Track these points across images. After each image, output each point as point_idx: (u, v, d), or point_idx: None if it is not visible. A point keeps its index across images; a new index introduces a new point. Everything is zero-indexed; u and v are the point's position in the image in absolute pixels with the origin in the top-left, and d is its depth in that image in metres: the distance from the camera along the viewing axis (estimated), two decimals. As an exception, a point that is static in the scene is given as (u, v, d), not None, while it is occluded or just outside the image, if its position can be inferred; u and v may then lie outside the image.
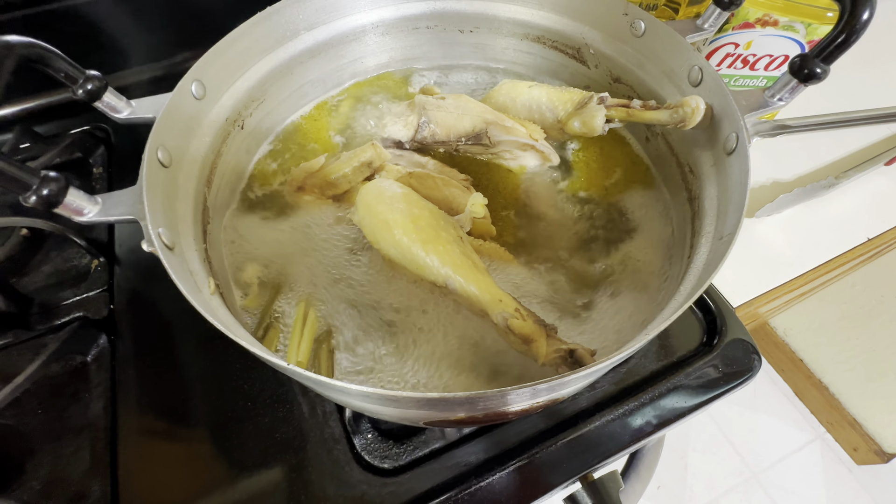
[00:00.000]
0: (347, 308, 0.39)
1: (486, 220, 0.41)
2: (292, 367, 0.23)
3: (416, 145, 0.47)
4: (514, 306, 0.33)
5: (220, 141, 0.42)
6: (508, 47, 0.53)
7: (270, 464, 0.38)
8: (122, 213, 0.29)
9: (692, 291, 0.28)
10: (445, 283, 0.34)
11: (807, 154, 0.62)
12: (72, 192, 0.27)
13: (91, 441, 0.40)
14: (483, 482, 0.37)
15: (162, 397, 0.41)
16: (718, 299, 0.46)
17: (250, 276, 0.40)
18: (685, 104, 0.35)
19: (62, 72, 0.31)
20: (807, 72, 0.31)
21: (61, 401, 0.42)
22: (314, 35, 0.48)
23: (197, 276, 0.31)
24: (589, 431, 0.39)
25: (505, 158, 0.46)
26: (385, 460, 0.38)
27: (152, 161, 0.32)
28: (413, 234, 0.35)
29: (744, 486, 1.20)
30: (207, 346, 0.43)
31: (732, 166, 0.33)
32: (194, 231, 0.35)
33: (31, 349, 0.44)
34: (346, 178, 0.43)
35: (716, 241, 0.32)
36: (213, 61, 0.39)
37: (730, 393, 0.42)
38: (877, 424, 1.16)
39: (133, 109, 0.35)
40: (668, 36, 0.39)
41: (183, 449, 0.39)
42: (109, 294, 0.47)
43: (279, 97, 0.48)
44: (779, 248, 0.55)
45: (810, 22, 0.51)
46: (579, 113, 0.42)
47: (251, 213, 0.45)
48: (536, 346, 0.31)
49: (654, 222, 0.43)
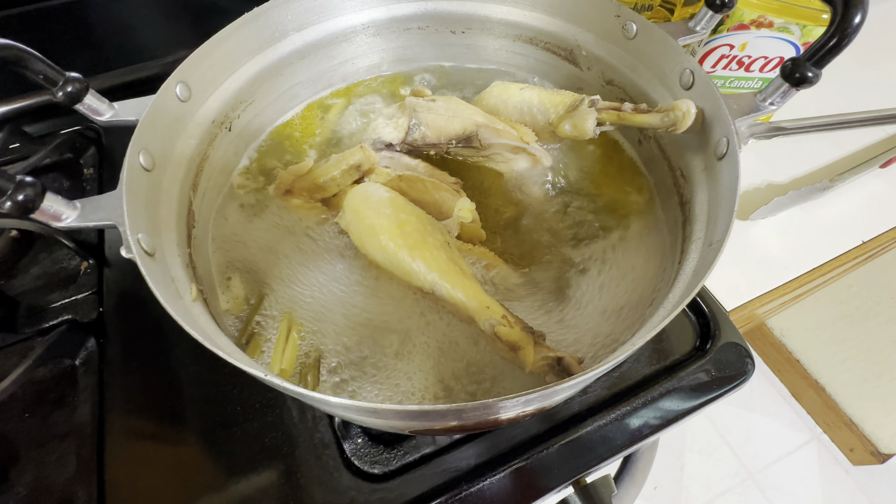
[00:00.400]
0: (334, 314, 0.38)
1: (475, 224, 0.40)
2: (270, 377, 0.22)
3: (407, 148, 0.46)
4: (501, 313, 0.32)
5: (206, 143, 0.41)
6: (501, 48, 0.53)
7: (259, 469, 0.38)
8: (101, 218, 0.28)
9: (681, 298, 0.28)
10: (432, 289, 0.34)
11: (802, 156, 0.61)
12: (49, 197, 0.27)
13: (77, 446, 0.39)
14: (474, 487, 0.37)
15: (150, 401, 0.41)
16: (712, 303, 0.46)
17: (235, 281, 0.40)
18: (676, 108, 0.35)
19: (41, 74, 0.30)
20: (798, 76, 0.31)
21: (48, 405, 0.42)
22: (303, 36, 0.47)
23: (178, 283, 0.31)
24: (581, 436, 0.39)
25: (496, 161, 0.46)
26: (375, 465, 0.38)
27: (133, 165, 0.31)
28: (399, 239, 0.35)
29: (740, 487, 1.20)
30: (196, 350, 0.42)
31: (723, 171, 0.33)
32: (178, 236, 0.35)
33: (17, 353, 0.44)
34: (334, 182, 0.42)
35: (705, 247, 0.32)
36: (198, 63, 0.38)
37: (723, 397, 0.42)
38: (873, 425, 1.16)
39: (115, 112, 0.35)
40: (659, 38, 0.39)
41: (171, 454, 0.39)
42: (98, 297, 0.47)
43: (268, 99, 0.48)
44: (774, 250, 0.54)
45: (805, 24, 0.51)
46: (570, 116, 0.41)
47: (238, 217, 0.44)
48: (524, 353, 0.31)
49: (645, 227, 0.42)
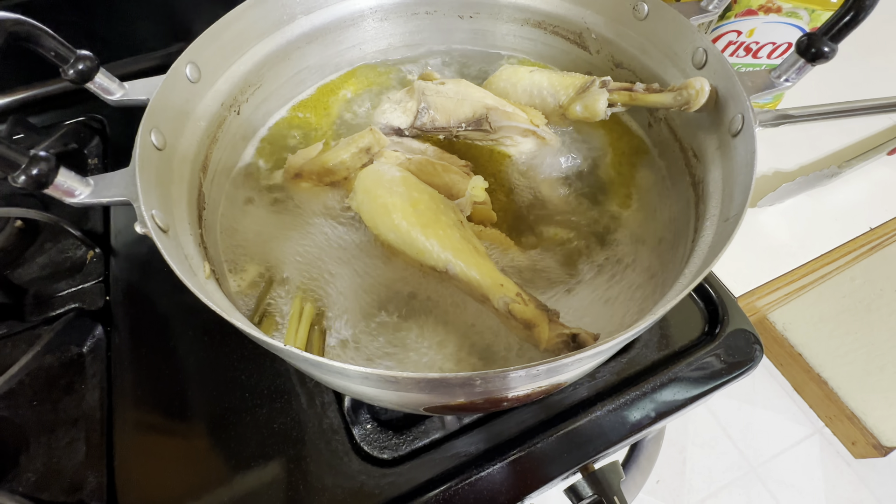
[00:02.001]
0: (345, 294, 0.38)
1: (486, 205, 0.40)
2: (289, 348, 0.22)
3: (416, 132, 0.46)
4: (515, 291, 0.32)
5: (215, 126, 0.41)
6: (509, 33, 0.53)
7: (268, 455, 0.38)
8: (114, 194, 0.28)
9: (698, 272, 0.27)
10: (446, 268, 0.34)
11: (809, 143, 0.61)
12: (62, 172, 0.26)
13: (86, 432, 0.39)
14: (483, 472, 0.37)
15: (158, 388, 0.41)
16: (720, 289, 0.46)
17: (246, 263, 0.39)
18: (690, 86, 0.35)
19: (52, 51, 0.30)
20: (814, 51, 0.31)
21: (56, 392, 0.42)
22: (311, 19, 0.47)
23: (192, 260, 0.31)
24: (589, 422, 0.39)
25: (505, 144, 0.46)
26: (384, 451, 0.38)
27: (146, 143, 0.31)
28: (412, 217, 0.35)
29: (742, 480, 1.20)
30: (204, 337, 0.43)
31: (738, 148, 0.33)
32: (189, 216, 0.34)
33: (25, 341, 0.44)
34: (343, 165, 0.42)
35: (721, 222, 0.31)
36: (208, 44, 0.38)
37: (732, 383, 0.42)
38: (875, 418, 1.16)
39: (126, 92, 0.34)
40: (671, 18, 0.39)
41: (180, 440, 0.39)
42: (105, 285, 0.47)
43: (276, 83, 0.48)
44: (781, 237, 0.54)
45: (814, 8, 0.51)
46: (581, 97, 0.41)
47: (248, 200, 0.44)
48: (538, 330, 0.31)
49: (656, 208, 0.42)
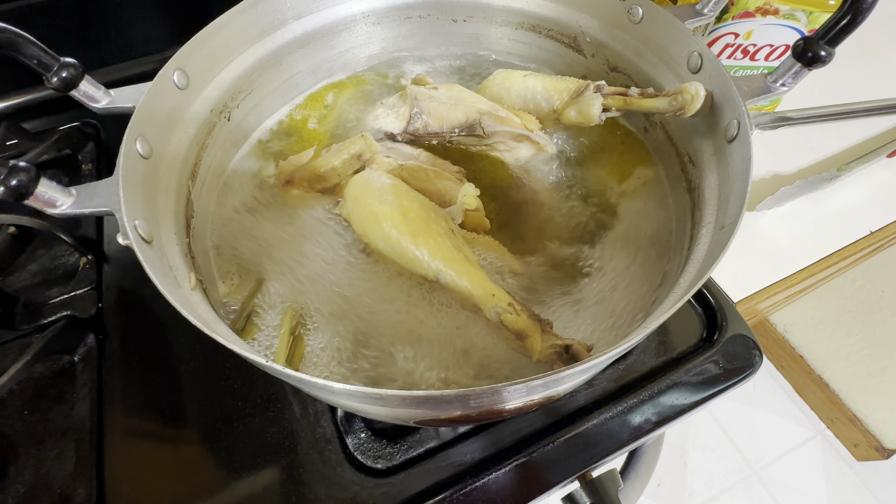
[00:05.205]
0: (334, 304, 0.38)
1: (479, 212, 0.40)
2: (271, 364, 0.22)
3: (409, 137, 0.46)
4: (507, 300, 0.31)
5: (205, 133, 0.41)
6: (503, 37, 0.52)
7: (261, 465, 0.37)
8: (97, 205, 0.28)
9: (693, 283, 0.27)
10: (436, 277, 0.33)
11: (808, 146, 0.61)
12: (43, 182, 0.26)
13: (76, 443, 0.39)
14: (479, 482, 0.36)
15: (150, 397, 0.40)
16: (718, 294, 0.45)
17: (235, 269, 0.39)
18: (685, 91, 0.34)
19: (35, 59, 0.29)
20: (811, 55, 0.30)
21: (46, 402, 0.41)
22: (302, 24, 0.47)
23: (177, 271, 0.30)
24: (587, 429, 0.39)
25: (499, 150, 0.45)
26: (378, 460, 0.37)
27: (130, 152, 0.30)
28: (402, 226, 0.34)
29: (744, 483, 1.19)
30: (196, 346, 0.43)
31: (734, 154, 0.32)
32: (176, 225, 0.34)
33: (15, 349, 0.43)
34: (335, 171, 0.42)
35: (717, 231, 0.31)
36: (196, 50, 0.38)
37: (731, 389, 0.42)
38: (877, 420, 1.16)
39: (112, 99, 0.34)
40: (666, 21, 0.38)
41: (171, 450, 0.38)
42: (97, 292, 0.46)
43: (267, 88, 0.47)
44: (780, 241, 0.54)
45: (812, 10, 0.50)
46: (575, 102, 0.40)
47: (238, 207, 0.43)
48: (531, 341, 0.30)
49: (652, 214, 0.42)
